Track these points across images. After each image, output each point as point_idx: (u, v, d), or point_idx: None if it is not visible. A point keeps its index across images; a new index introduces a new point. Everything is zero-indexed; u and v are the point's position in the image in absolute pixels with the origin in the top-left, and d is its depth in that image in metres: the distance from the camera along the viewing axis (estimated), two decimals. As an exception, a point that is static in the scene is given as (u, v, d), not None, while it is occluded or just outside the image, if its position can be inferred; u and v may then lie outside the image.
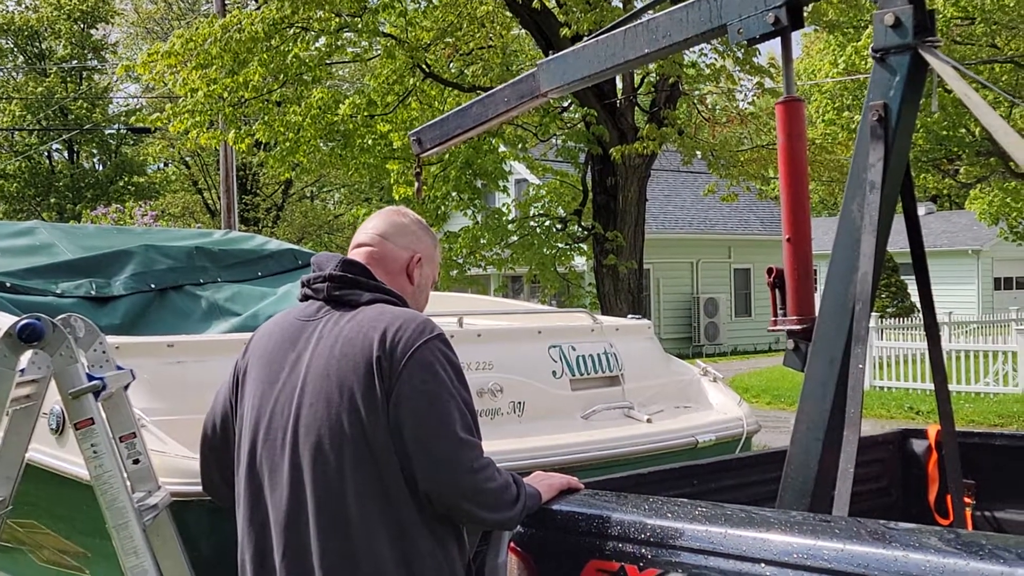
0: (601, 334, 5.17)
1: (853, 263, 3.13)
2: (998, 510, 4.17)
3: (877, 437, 4.51)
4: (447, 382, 2.66)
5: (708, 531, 2.55)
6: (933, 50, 3.13)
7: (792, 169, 3.48)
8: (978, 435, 4.42)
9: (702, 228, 32.56)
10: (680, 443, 4.61)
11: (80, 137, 40.39)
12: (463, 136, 4.78)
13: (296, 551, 2.64)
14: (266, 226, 40.17)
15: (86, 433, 3.00)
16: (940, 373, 3.82)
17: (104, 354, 3.28)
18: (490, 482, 2.65)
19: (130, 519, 2.98)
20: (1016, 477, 4.15)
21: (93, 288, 4.95)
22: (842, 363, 3.12)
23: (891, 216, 3.29)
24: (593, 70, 4.10)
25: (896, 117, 3.14)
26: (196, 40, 14.42)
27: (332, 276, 2.83)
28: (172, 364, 3.97)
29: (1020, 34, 18.08)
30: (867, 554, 2.26)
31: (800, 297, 3.45)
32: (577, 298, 18.77)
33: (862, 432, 4.38)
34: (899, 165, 3.26)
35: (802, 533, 2.44)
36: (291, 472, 2.67)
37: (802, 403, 3.21)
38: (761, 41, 3.56)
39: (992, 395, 17.38)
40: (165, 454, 3.49)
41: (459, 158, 17.07)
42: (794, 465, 3.18)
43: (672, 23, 3.75)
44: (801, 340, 3.39)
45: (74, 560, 3.97)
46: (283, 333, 2.86)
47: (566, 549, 2.81)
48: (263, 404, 2.77)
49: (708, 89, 18.29)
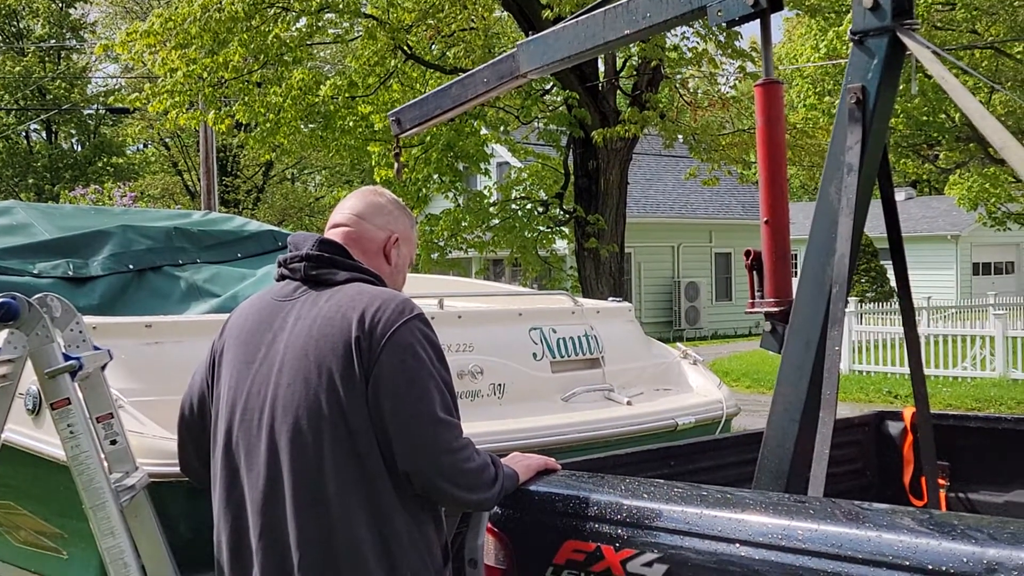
0: (582, 317, 5.18)
1: (830, 245, 3.14)
2: (972, 492, 4.22)
3: (853, 419, 4.53)
4: (427, 362, 2.65)
5: (684, 511, 2.57)
6: (911, 33, 3.13)
7: (770, 151, 3.49)
8: (953, 417, 4.45)
9: (683, 212, 32.60)
10: (660, 425, 4.62)
11: (58, 117, 40.11)
12: (442, 116, 4.76)
13: (273, 530, 2.63)
14: (246, 208, 40.01)
15: (63, 413, 2.98)
16: (915, 356, 3.84)
17: (81, 334, 3.25)
18: (468, 462, 2.64)
19: (107, 500, 2.97)
20: (990, 459, 4.19)
21: (71, 268, 4.91)
22: (818, 345, 3.14)
23: (868, 199, 3.31)
24: (573, 51, 4.10)
25: (874, 100, 3.15)
26: (175, 19, 14.29)
27: (309, 256, 2.81)
28: (150, 345, 3.95)
29: (1000, 20, 18.12)
30: (840, 534, 2.27)
31: (777, 279, 3.46)
32: (558, 281, 18.76)
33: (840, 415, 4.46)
34: (877, 148, 3.27)
35: (777, 513, 2.46)
36: (268, 452, 2.65)
37: (778, 385, 3.23)
38: (741, 23, 3.56)
39: (970, 379, 17.50)
40: (143, 435, 3.48)
41: (441, 140, 17.01)
42: (770, 446, 3.20)
43: (652, 4, 3.75)
44: (778, 322, 3.40)
45: (51, 541, 3.95)
46: (260, 313, 2.84)
47: (543, 529, 2.82)
48: (239, 384, 2.76)
49: (690, 73, 18.28)
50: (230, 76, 15.12)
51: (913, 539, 2.17)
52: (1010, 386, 16.72)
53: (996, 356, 17.51)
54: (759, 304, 3.49)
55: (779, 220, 3.47)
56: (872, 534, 2.23)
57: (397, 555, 2.61)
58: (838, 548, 2.23)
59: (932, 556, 2.10)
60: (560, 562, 2.73)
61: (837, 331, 3.07)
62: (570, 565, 2.71)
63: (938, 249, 37.44)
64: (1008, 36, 18.54)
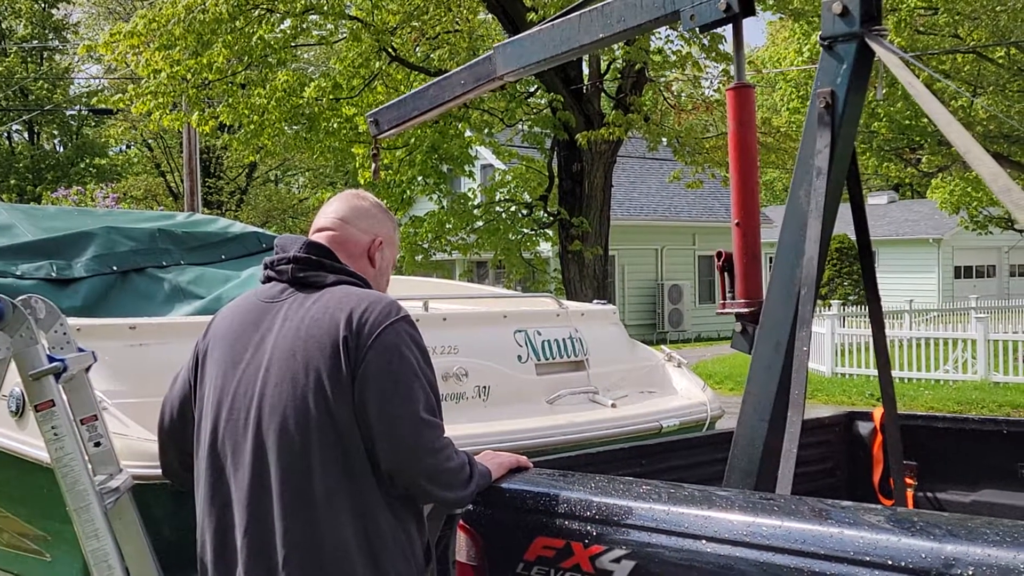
0: (567, 319, 5.19)
1: (800, 248, 3.19)
2: (940, 491, 4.29)
3: (824, 419, 4.60)
4: (412, 363, 2.68)
5: (651, 508, 2.61)
6: (879, 39, 3.19)
7: (742, 154, 3.55)
8: (921, 418, 4.53)
9: (667, 215, 32.64)
10: (644, 428, 4.64)
11: (41, 118, 39.90)
12: (420, 118, 4.81)
13: (259, 528, 2.65)
14: (230, 209, 39.88)
15: (46, 415, 2.97)
16: (883, 357, 3.92)
17: (65, 335, 3.24)
18: (449, 462, 2.68)
19: (91, 502, 2.96)
20: (958, 459, 4.27)
21: (54, 270, 4.88)
22: (788, 346, 3.19)
23: (837, 202, 3.34)
24: (549, 53, 4.16)
25: (843, 104, 3.21)
26: (159, 20, 14.25)
27: (296, 258, 2.83)
28: (134, 346, 3.94)
29: (983, 25, 18.21)
30: (804, 531, 2.32)
31: (748, 280, 3.52)
32: (542, 284, 18.80)
33: (816, 416, 4.48)
34: (845, 151, 3.32)
35: (742, 511, 2.50)
36: (255, 451, 2.67)
37: (748, 385, 3.30)
38: (713, 27, 3.64)
39: (951, 382, 17.58)
40: (127, 437, 3.47)
41: (425, 142, 17.03)
42: (740, 445, 3.26)
43: (626, 8, 3.81)
44: (748, 323, 3.47)
45: (34, 544, 3.93)
46: (246, 315, 2.85)
47: (514, 526, 2.86)
48: (225, 384, 2.77)
49: (674, 76, 18.32)
50: (214, 77, 15.08)
51: (874, 535, 2.21)
52: (992, 389, 16.81)
53: (978, 359, 17.59)
54: (730, 305, 3.56)
55: (750, 222, 3.54)
56: (835, 531, 2.28)
57: (381, 555, 2.64)
58: (801, 544, 2.28)
59: (892, 552, 2.14)
60: (531, 558, 2.77)
61: (806, 332, 3.12)
62: (540, 561, 2.75)
63: (920, 252, 37.62)
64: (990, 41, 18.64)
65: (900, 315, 24.92)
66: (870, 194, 46.90)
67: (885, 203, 42.40)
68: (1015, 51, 19.41)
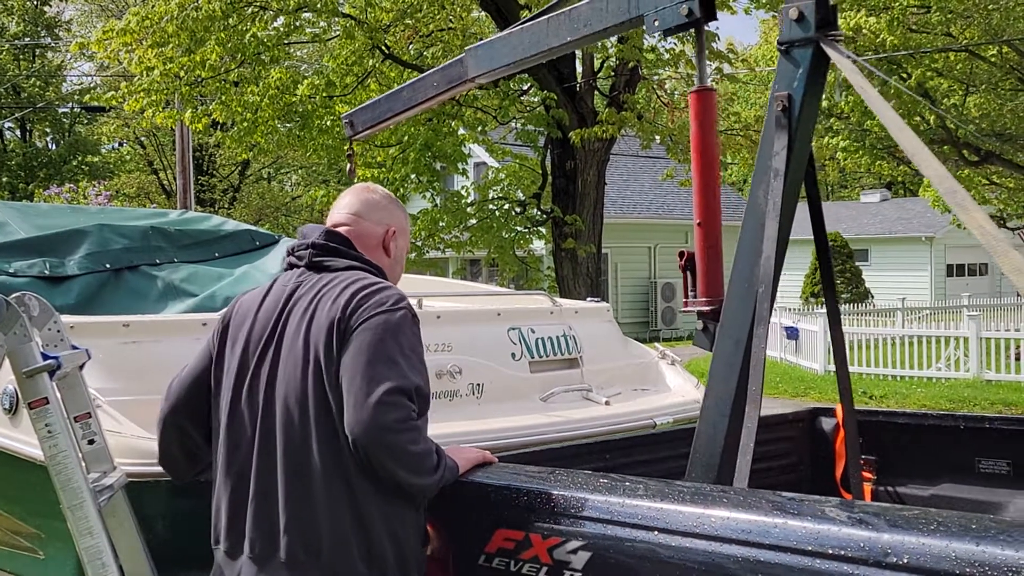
0: (560, 317, 5.19)
1: (759, 247, 3.25)
2: (900, 485, 4.39)
3: (788, 415, 4.72)
4: (396, 348, 2.73)
5: (607, 501, 2.68)
6: (834, 44, 3.26)
7: (703, 156, 3.63)
8: (882, 414, 4.68)
9: (660, 213, 32.66)
10: (638, 425, 4.64)
11: (33, 115, 39.78)
12: (394, 119, 4.93)
13: (265, 499, 2.77)
14: (222, 207, 39.82)
15: (40, 413, 2.97)
16: (840, 354, 4.04)
17: (59, 333, 3.24)
18: (413, 445, 2.69)
19: (85, 500, 2.96)
20: (918, 454, 4.36)
21: (47, 267, 4.88)
22: (747, 343, 3.25)
23: (795, 202, 3.41)
24: (519, 56, 4.25)
25: (799, 107, 3.27)
26: (152, 18, 14.22)
27: (315, 244, 3.00)
28: (128, 344, 3.94)
29: (975, 23, 18.23)
30: (750, 522, 2.40)
31: (709, 279, 3.60)
32: (536, 282, 18.79)
33: (777, 411, 4.63)
34: (802, 153, 3.38)
35: (692, 503, 2.60)
36: (263, 426, 2.80)
37: (710, 381, 3.36)
38: (676, 32, 3.73)
39: (944, 380, 17.62)
40: (121, 434, 3.47)
41: (418, 140, 17.01)
42: (702, 440, 3.32)
43: (593, 12, 3.90)
44: (710, 321, 3.54)
45: (28, 541, 3.93)
46: (269, 298, 2.98)
47: (475, 519, 2.93)
48: (245, 362, 2.89)
49: (667, 74, 18.34)
50: (207, 75, 15.06)
51: (816, 525, 2.29)
52: (984, 387, 16.86)
53: (970, 357, 17.64)
54: (692, 303, 3.63)
55: (711, 222, 3.61)
56: (779, 521, 2.36)
57: (373, 532, 2.72)
58: (747, 535, 2.36)
59: (833, 541, 2.22)
60: (492, 550, 2.84)
61: (763, 329, 3.18)
62: (501, 553, 2.82)
63: (913, 250, 37.68)
64: (983, 39, 18.67)
65: (893, 313, 24.99)
66: (863, 192, 47.03)
67: (878, 201, 42.46)
68: (1007, 50, 19.45)
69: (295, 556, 2.71)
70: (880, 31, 17.08)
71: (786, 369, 20.01)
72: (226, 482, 2.86)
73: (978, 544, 2.05)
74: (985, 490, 4.15)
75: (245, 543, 2.78)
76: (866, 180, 50.50)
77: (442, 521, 2.97)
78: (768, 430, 4.49)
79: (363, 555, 2.71)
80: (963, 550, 2.05)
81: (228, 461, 2.86)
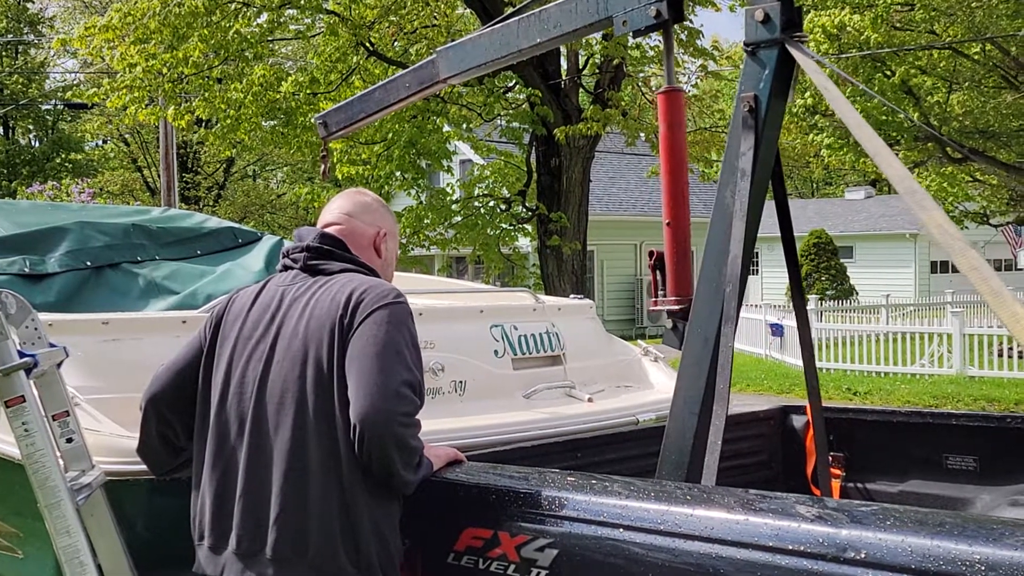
0: (543, 314, 5.18)
1: (726, 247, 3.27)
2: (869, 482, 4.45)
3: (759, 413, 4.78)
4: (400, 340, 2.78)
5: (573, 499, 2.71)
6: (799, 45, 3.29)
7: (672, 156, 3.64)
8: (851, 411, 4.70)
9: (645, 210, 32.70)
10: (621, 422, 4.64)
11: (16, 113, 39.61)
12: (367, 120, 4.96)
13: (255, 494, 2.78)
14: (207, 204, 39.69)
15: (17, 411, 2.96)
16: (808, 350, 4.05)
17: (36, 331, 3.22)
18: (414, 440, 2.76)
19: (63, 498, 2.94)
20: (887, 450, 4.41)
21: (27, 265, 4.84)
22: (716, 342, 3.26)
23: (762, 202, 3.43)
24: (490, 57, 4.27)
25: (765, 108, 3.30)
26: (135, 14, 14.16)
27: (309, 247, 3.06)
28: (108, 342, 3.91)
29: (959, 21, 18.27)
30: (712, 518, 2.44)
31: (678, 279, 3.61)
32: (521, 279, 18.78)
33: (748, 409, 4.73)
34: (769, 153, 3.41)
35: (656, 500, 2.63)
36: (256, 423, 2.82)
37: (679, 379, 3.39)
38: (645, 33, 3.74)
39: (927, 376, 17.70)
40: (100, 433, 3.44)
41: (403, 137, 16.98)
42: (672, 438, 3.34)
43: (562, 14, 3.92)
44: (679, 319, 3.56)
45: (5, 540, 3.90)
46: (262, 297, 3.02)
47: (444, 517, 2.96)
48: (235, 361, 2.92)
49: (652, 71, 18.35)
50: (190, 72, 15.01)
51: (776, 522, 2.33)
52: (967, 383, 16.93)
53: (953, 353, 17.72)
54: (661, 303, 3.64)
55: (680, 222, 3.61)
56: (740, 518, 2.40)
57: (361, 531, 2.73)
58: (710, 531, 2.39)
59: (792, 537, 2.26)
60: (460, 548, 2.87)
61: (730, 328, 3.20)
62: (469, 551, 2.84)
63: (897, 247, 37.82)
64: (966, 37, 18.72)
65: (877, 310, 25.07)
66: (847, 189, 47.18)
67: (862, 198, 42.59)
68: (990, 47, 19.51)
69: (282, 553, 2.73)
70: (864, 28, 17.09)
71: (771, 366, 20.08)
72: (211, 477, 2.86)
73: (932, 539, 2.09)
74: (953, 486, 4.20)
75: (231, 538, 2.79)
76: (851, 177, 50.64)
77: (411, 519, 2.98)
78: (740, 428, 4.53)
79: (350, 554, 2.72)
80: (918, 545, 2.09)
81: (215, 456, 2.87)
